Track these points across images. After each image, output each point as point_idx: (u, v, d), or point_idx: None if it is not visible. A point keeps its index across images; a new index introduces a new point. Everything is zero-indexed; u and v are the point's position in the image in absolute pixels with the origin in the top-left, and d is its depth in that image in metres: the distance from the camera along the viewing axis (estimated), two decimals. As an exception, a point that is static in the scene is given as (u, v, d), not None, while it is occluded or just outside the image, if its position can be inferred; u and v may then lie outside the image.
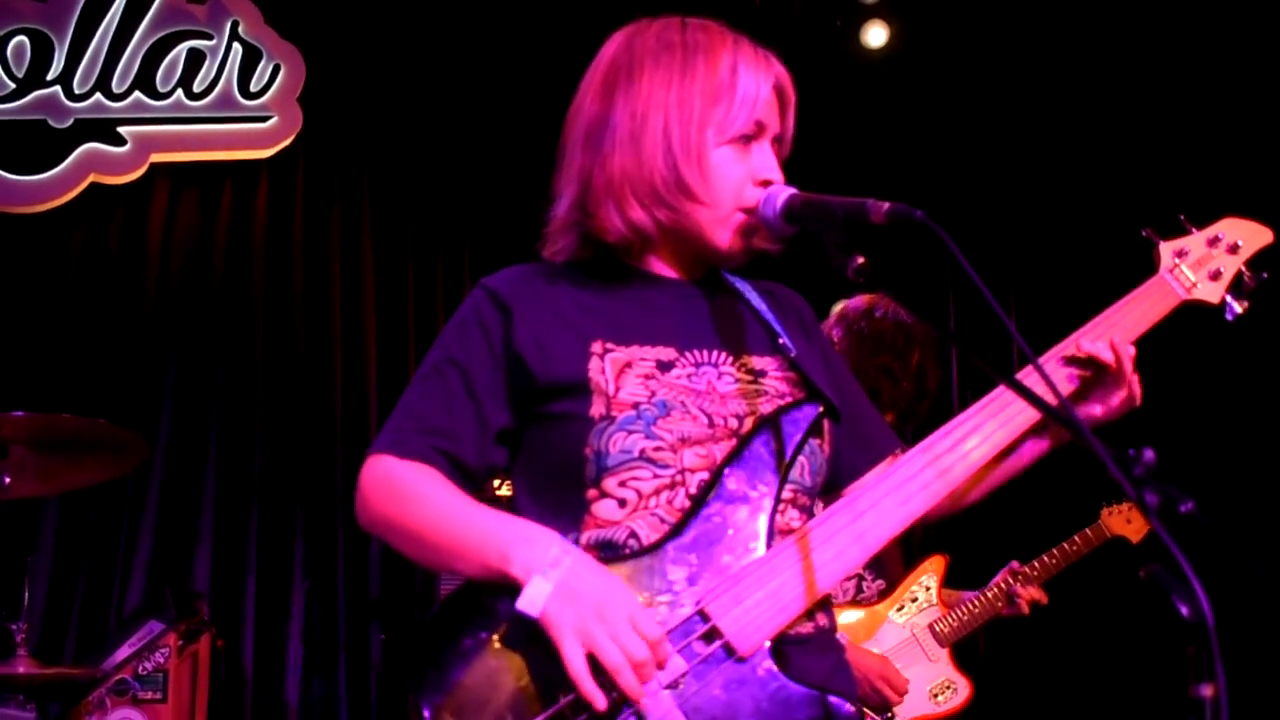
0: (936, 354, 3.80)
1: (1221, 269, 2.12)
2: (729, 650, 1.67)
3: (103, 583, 5.16)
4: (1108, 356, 1.92)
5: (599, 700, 1.57)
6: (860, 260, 1.64)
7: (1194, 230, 2.16)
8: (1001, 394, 1.91)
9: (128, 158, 5.39)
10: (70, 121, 5.35)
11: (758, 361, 1.89)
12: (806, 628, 1.78)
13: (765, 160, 1.87)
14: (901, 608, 3.68)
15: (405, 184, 5.81)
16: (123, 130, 5.39)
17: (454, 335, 1.89)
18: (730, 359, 1.87)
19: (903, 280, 2.93)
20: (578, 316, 1.85)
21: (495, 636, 1.66)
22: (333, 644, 5.35)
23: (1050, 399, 1.45)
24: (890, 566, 3.75)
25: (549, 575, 1.61)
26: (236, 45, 5.58)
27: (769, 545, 1.73)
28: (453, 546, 1.73)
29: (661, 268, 1.94)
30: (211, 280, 5.50)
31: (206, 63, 5.54)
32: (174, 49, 5.51)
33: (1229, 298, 2.13)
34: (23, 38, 5.35)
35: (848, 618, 3.62)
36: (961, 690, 3.63)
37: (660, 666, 1.61)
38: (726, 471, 1.76)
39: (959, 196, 5.64)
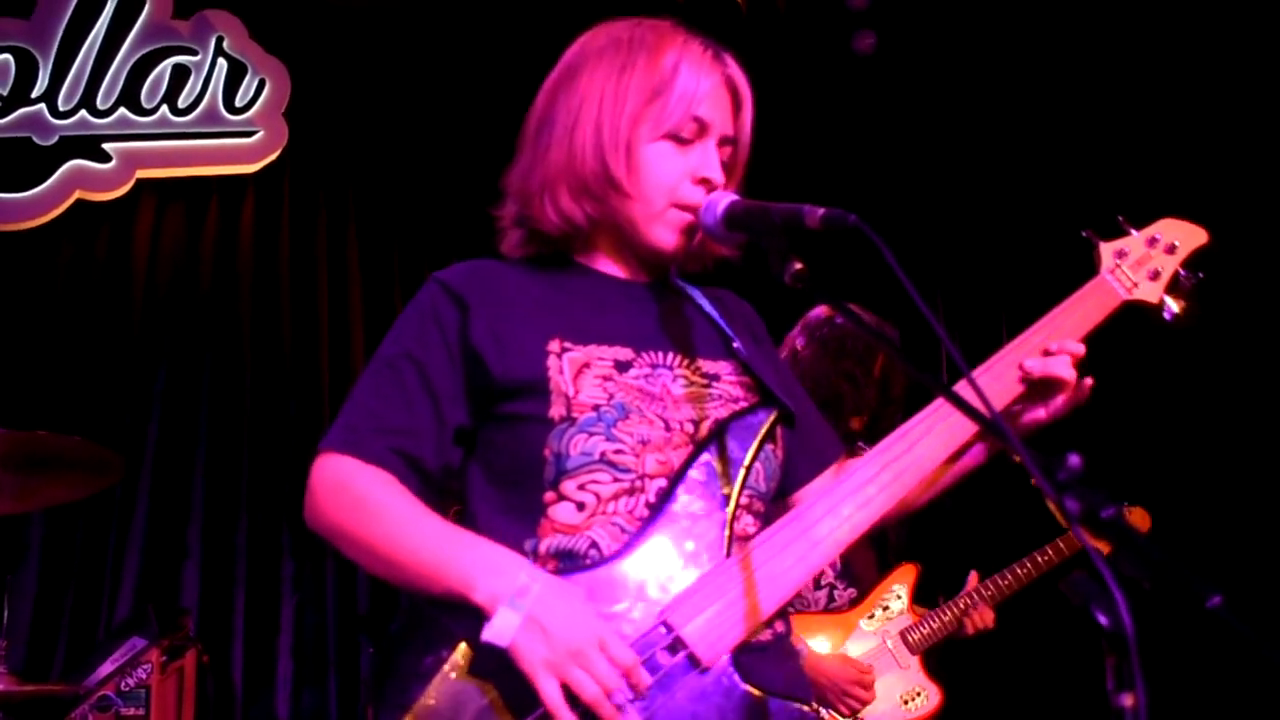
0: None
1: (1160, 269, 2.13)
2: (693, 661, 1.68)
3: (90, 599, 5.16)
4: (1063, 374, 1.92)
5: None
6: (798, 266, 1.63)
7: (1133, 231, 2.18)
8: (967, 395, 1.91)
9: (113, 174, 5.41)
10: (55, 139, 5.38)
11: (710, 365, 1.90)
12: (765, 635, 1.80)
13: (705, 159, 1.88)
14: (873, 615, 3.69)
15: (392, 198, 5.82)
16: (108, 147, 5.42)
17: (409, 329, 1.88)
18: (683, 361, 1.88)
19: (847, 287, 2.92)
20: (534, 313, 1.85)
21: (456, 655, 1.65)
22: (322, 659, 5.34)
23: (981, 406, 1.44)
24: (863, 575, 3.76)
25: (516, 605, 1.60)
26: (221, 60, 5.60)
27: (728, 553, 1.74)
28: (412, 565, 1.71)
29: (610, 267, 1.96)
30: (198, 296, 5.52)
31: (191, 78, 5.56)
32: (158, 65, 5.53)
33: (1167, 297, 2.14)
34: (6, 56, 5.39)
35: (819, 626, 3.62)
36: (932, 697, 3.63)
37: (635, 690, 1.61)
38: (684, 478, 1.77)
39: (900, 197, 5.70)
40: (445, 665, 1.64)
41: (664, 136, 1.85)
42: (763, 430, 1.82)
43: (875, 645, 3.64)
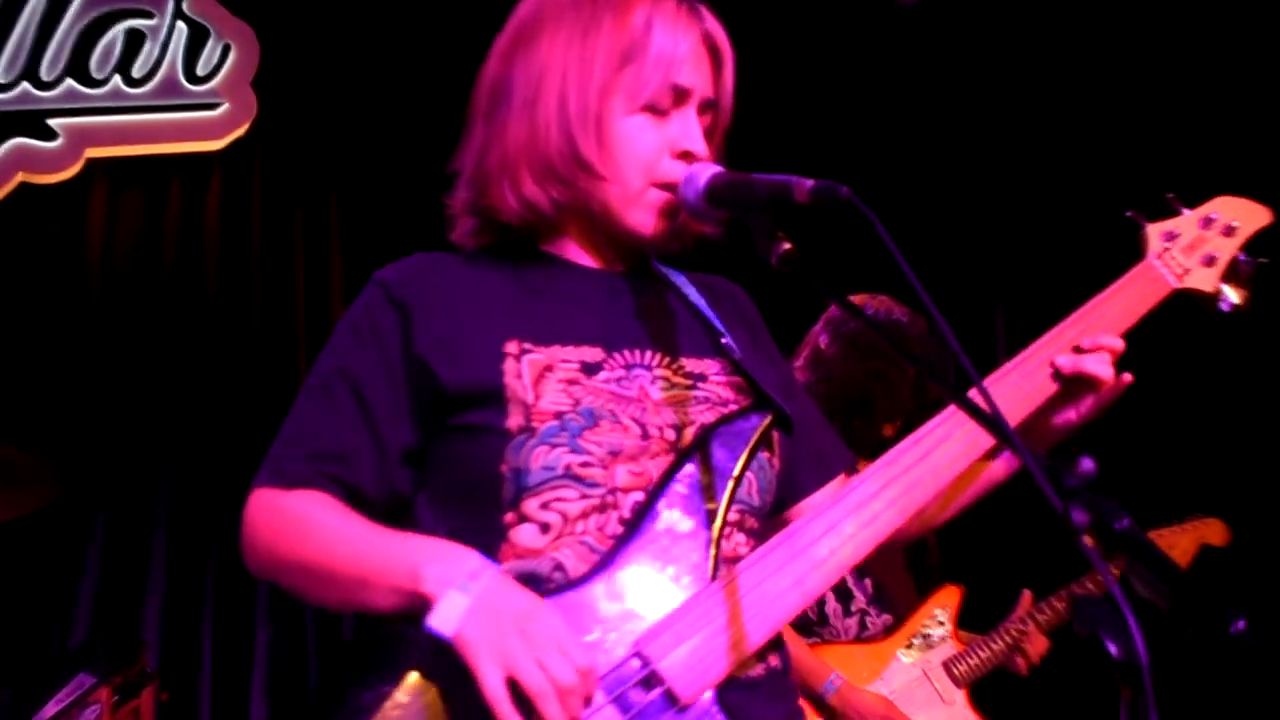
0: (943, 359, 3.79)
1: (1216, 253, 2.13)
2: (670, 698, 1.67)
3: (39, 630, 5.18)
4: (1098, 371, 1.91)
5: None
6: (785, 247, 1.62)
7: (1185, 210, 2.16)
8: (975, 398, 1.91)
9: (60, 154, 5.43)
10: (-7, 116, 5.40)
11: (695, 364, 1.90)
12: (756, 670, 1.79)
13: (686, 129, 1.87)
14: (911, 645, 3.68)
15: (375, 178, 5.80)
16: (53, 123, 5.44)
17: (344, 341, 1.88)
18: (664, 361, 1.88)
19: (846, 271, 2.90)
20: (488, 312, 1.84)
21: (399, 691, 1.64)
22: (300, 697, 5.35)
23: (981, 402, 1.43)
24: (899, 599, 3.75)
25: (467, 589, 1.58)
26: (181, 24, 5.61)
27: (714, 576, 1.73)
28: (355, 573, 1.70)
29: (580, 255, 1.95)
30: (159, 290, 5.51)
31: (147, 45, 5.58)
32: (110, 30, 5.54)
33: (1224, 286, 2.12)
34: (-62, 27, 5.41)
35: (850, 658, 3.61)
36: (980, 736, 3.62)
37: (587, 701, 1.60)
38: (664, 492, 1.77)
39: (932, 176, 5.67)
40: (386, 703, 1.62)
41: (640, 109, 1.85)
42: (754, 437, 1.81)
43: (915, 678, 3.64)
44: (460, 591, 1.58)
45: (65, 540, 5.24)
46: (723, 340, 1.94)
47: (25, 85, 5.45)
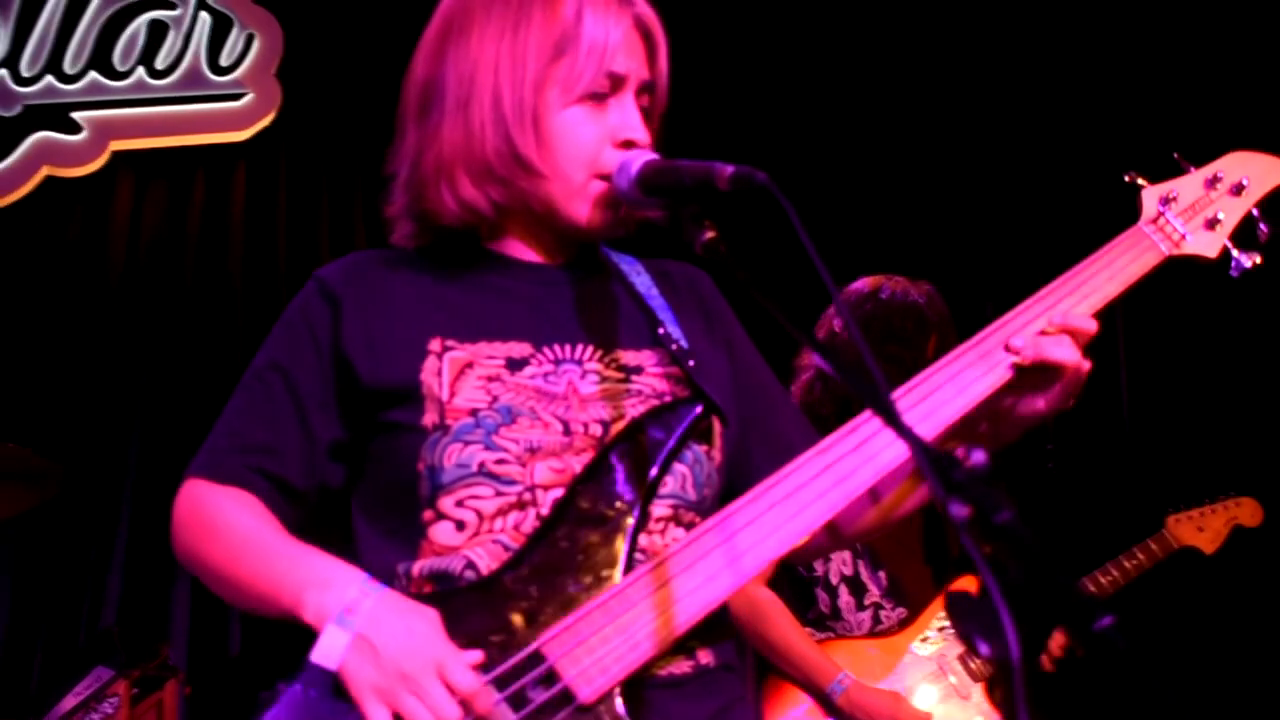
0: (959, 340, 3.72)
1: (1221, 215, 2.02)
2: (568, 696, 1.63)
3: (67, 624, 5.25)
4: (1057, 357, 1.85)
5: None
6: (708, 235, 1.63)
7: (1191, 169, 2.06)
8: (924, 381, 1.85)
9: (85, 146, 5.50)
10: (19, 109, 5.48)
11: (631, 356, 1.87)
12: (682, 667, 1.75)
13: (625, 117, 1.84)
14: (927, 638, 3.62)
15: None
16: (78, 116, 5.50)
17: (279, 335, 1.90)
18: (597, 354, 1.85)
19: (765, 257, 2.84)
20: (416, 310, 1.84)
21: (300, 687, 1.65)
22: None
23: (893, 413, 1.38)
24: (915, 592, 3.69)
25: (345, 623, 1.61)
26: (204, 14, 5.66)
27: (627, 571, 1.70)
28: (250, 586, 1.74)
29: (520, 250, 1.93)
30: (183, 283, 5.57)
31: (170, 35, 5.63)
32: (133, 21, 5.61)
33: (1234, 249, 2.03)
34: (-37, 18, 5.48)
35: (864, 652, 3.56)
36: (998, 733, 3.55)
37: (481, 719, 1.59)
38: (580, 488, 1.74)
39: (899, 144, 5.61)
40: (290, 699, 1.64)
41: (577, 100, 1.81)
42: (683, 430, 1.77)
43: (930, 672, 3.58)
44: (339, 626, 1.60)
45: (93, 532, 5.31)
46: (660, 331, 1.90)
47: (49, 79, 5.51)
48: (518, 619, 1.67)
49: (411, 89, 1.91)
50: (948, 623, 3.63)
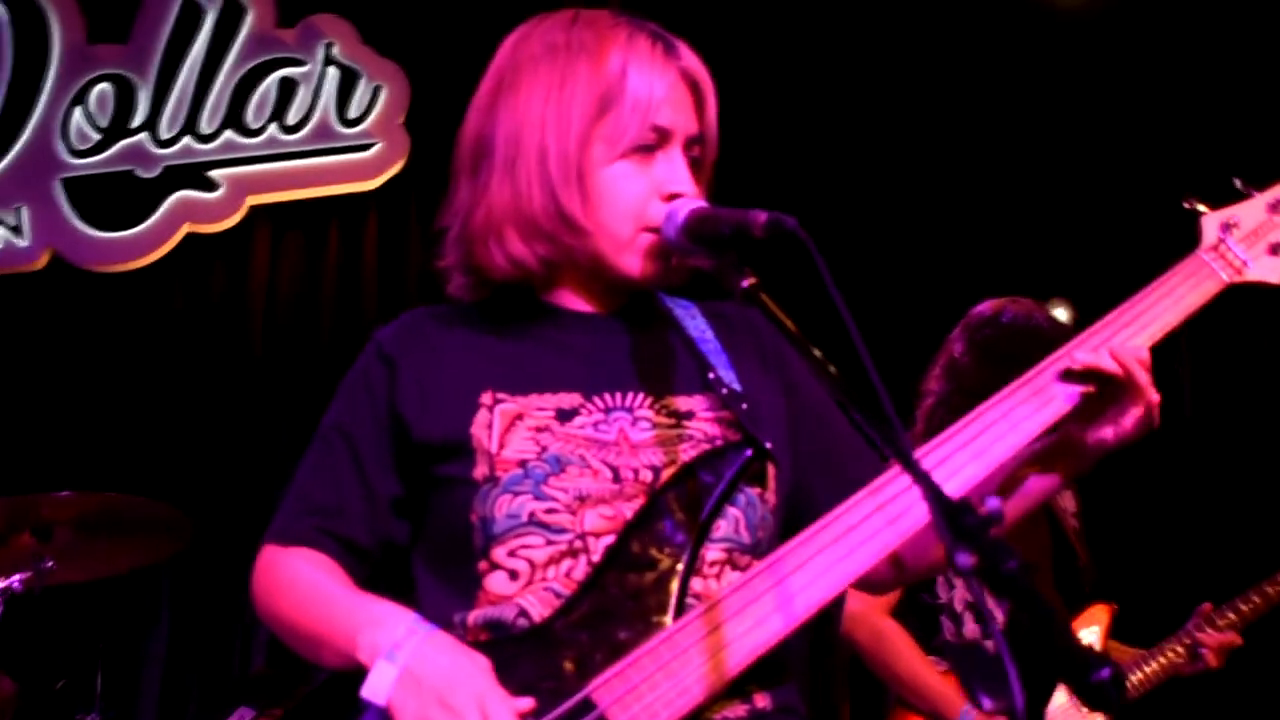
0: None
1: None
2: None
3: (220, 669, 5.41)
4: (1110, 367, 1.82)
5: None
6: (748, 282, 1.65)
7: (1254, 194, 2.01)
8: (977, 419, 1.83)
9: (222, 203, 5.69)
10: (159, 170, 5.69)
11: (684, 402, 1.87)
12: (737, 711, 1.75)
13: (673, 171, 1.85)
14: None
15: None
16: (215, 174, 5.70)
17: (342, 397, 1.95)
18: (650, 401, 1.86)
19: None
20: (468, 364, 1.87)
21: None
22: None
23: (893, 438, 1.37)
24: (1044, 619, 3.60)
25: (395, 658, 1.64)
26: (331, 69, 5.82)
27: (678, 616, 1.70)
28: (315, 634, 1.78)
29: (573, 301, 1.95)
30: (320, 329, 5.73)
31: (300, 91, 5.80)
32: (264, 80, 5.79)
33: None
34: (105, 85, 5.73)
35: (988, 681, 3.50)
36: (1131, 766, 3.46)
37: None
38: (630, 534, 1.75)
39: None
40: None
41: (622, 155, 1.83)
42: (733, 473, 1.78)
43: (1062, 702, 3.49)
44: (387, 661, 1.64)
45: (242, 581, 5.45)
46: (710, 375, 1.90)
47: (187, 139, 5.72)
48: (569, 665, 1.68)
49: (464, 144, 1.95)
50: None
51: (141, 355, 5.58)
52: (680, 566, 1.73)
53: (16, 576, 3.54)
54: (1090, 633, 3.57)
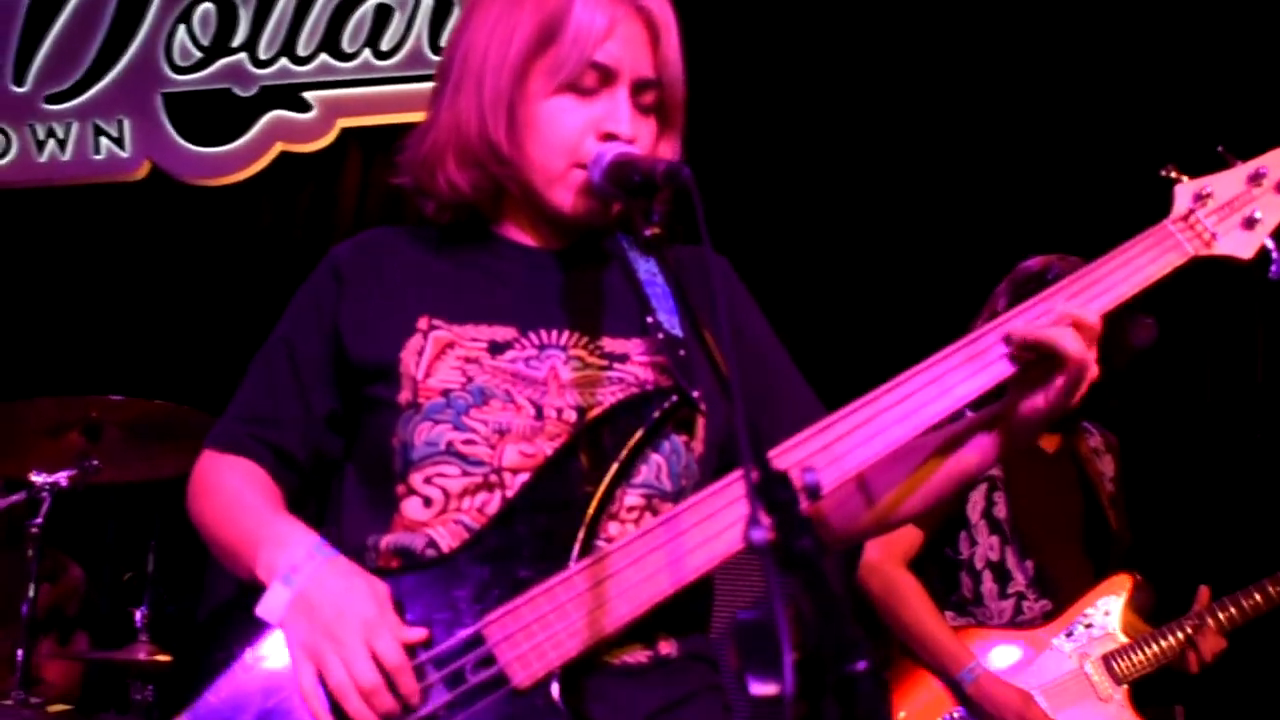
0: (1129, 326, 3.51)
1: (1259, 213, 1.86)
2: (503, 679, 1.63)
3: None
4: (1049, 338, 1.73)
5: None
6: (652, 230, 1.62)
7: (1236, 164, 1.90)
8: (905, 381, 1.76)
9: (315, 124, 5.75)
10: (256, 89, 5.76)
11: (619, 344, 1.84)
12: (637, 657, 1.73)
13: (611, 110, 1.80)
14: (1071, 633, 3.45)
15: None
16: (309, 95, 5.75)
17: (291, 310, 1.95)
18: (583, 340, 1.83)
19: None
20: (412, 289, 1.86)
21: (255, 649, 1.69)
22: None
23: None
24: (1064, 582, 3.51)
25: (291, 581, 1.65)
26: (427, -1, 5.80)
27: (579, 558, 1.68)
28: (228, 544, 1.80)
29: (520, 235, 1.93)
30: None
31: (395, 18, 5.80)
32: (361, 6, 5.81)
33: (1275, 249, 1.87)
34: (208, 5, 5.81)
35: (1001, 643, 3.42)
36: (1138, 739, 3.36)
37: (407, 696, 1.60)
38: (544, 472, 1.72)
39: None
40: (241, 659, 1.68)
41: (559, 89, 1.79)
42: (655, 419, 1.73)
43: (1070, 670, 3.41)
44: (283, 584, 1.65)
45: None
46: (649, 319, 1.86)
47: (284, 61, 5.78)
48: (466, 600, 1.67)
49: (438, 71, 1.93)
50: (1095, 620, 3.46)
51: (225, 269, 5.66)
52: (591, 509, 1.70)
53: (63, 473, 3.63)
54: (1111, 601, 3.47)
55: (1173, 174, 1.91)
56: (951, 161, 5.24)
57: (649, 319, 1.85)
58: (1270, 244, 1.88)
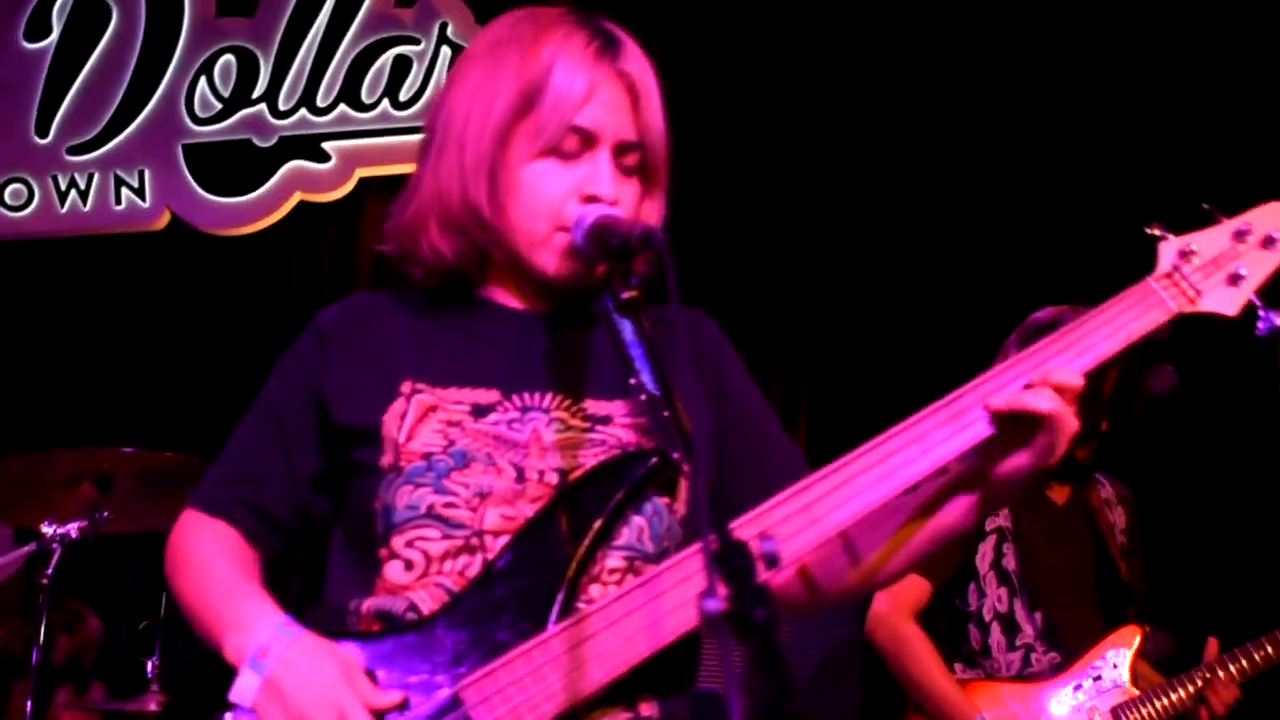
0: (1148, 374, 3.49)
1: (1245, 270, 1.85)
2: None
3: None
4: (1031, 406, 1.71)
5: None
6: (628, 294, 1.63)
7: (1222, 220, 1.89)
8: (886, 440, 1.75)
9: (333, 174, 5.77)
10: (275, 139, 5.80)
11: (601, 406, 1.83)
12: (619, 718, 1.71)
13: (593, 173, 1.81)
14: (1080, 686, 3.41)
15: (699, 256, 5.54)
16: (327, 146, 5.78)
17: (277, 373, 1.96)
18: (565, 403, 1.82)
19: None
20: (394, 353, 1.86)
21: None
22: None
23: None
24: (1073, 635, 3.47)
25: (259, 666, 1.66)
26: (445, 48, 5.82)
27: (557, 621, 1.67)
28: (196, 616, 1.82)
29: (506, 297, 1.93)
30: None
31: (413, 69, 5.82)
32: (380, 57, 5.84)
33: (1262, 306, 1.86)
34: (229, 57, 5.85)
35: (1009, 696, 3.39)
36: (1147, 795, 3.32)
37: None
38: (523, 534, 1.72)
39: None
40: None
41: (541, 153, 1.79)
42: (634, 481, 1.73)
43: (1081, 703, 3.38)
44: (252, 669, 1.65)
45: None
46: (631, 381, 1.85)
47: (303, 111, 5.81)
48: (444, 663, 1.67)
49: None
50: (1104, 672, 3.42)
51: (242, 319, 5.68)
52: (570, 571, 1.69)
53: (74, 524, 3.65)
54: (1120, 653, 3.43)
55: (1157, 231, 1.90)
56: (945, 216, 5.25)
57: (632, 380, 1.85)
58: (1256, 300, 1.87)
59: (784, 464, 1.95)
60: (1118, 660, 3.43)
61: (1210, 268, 1.86)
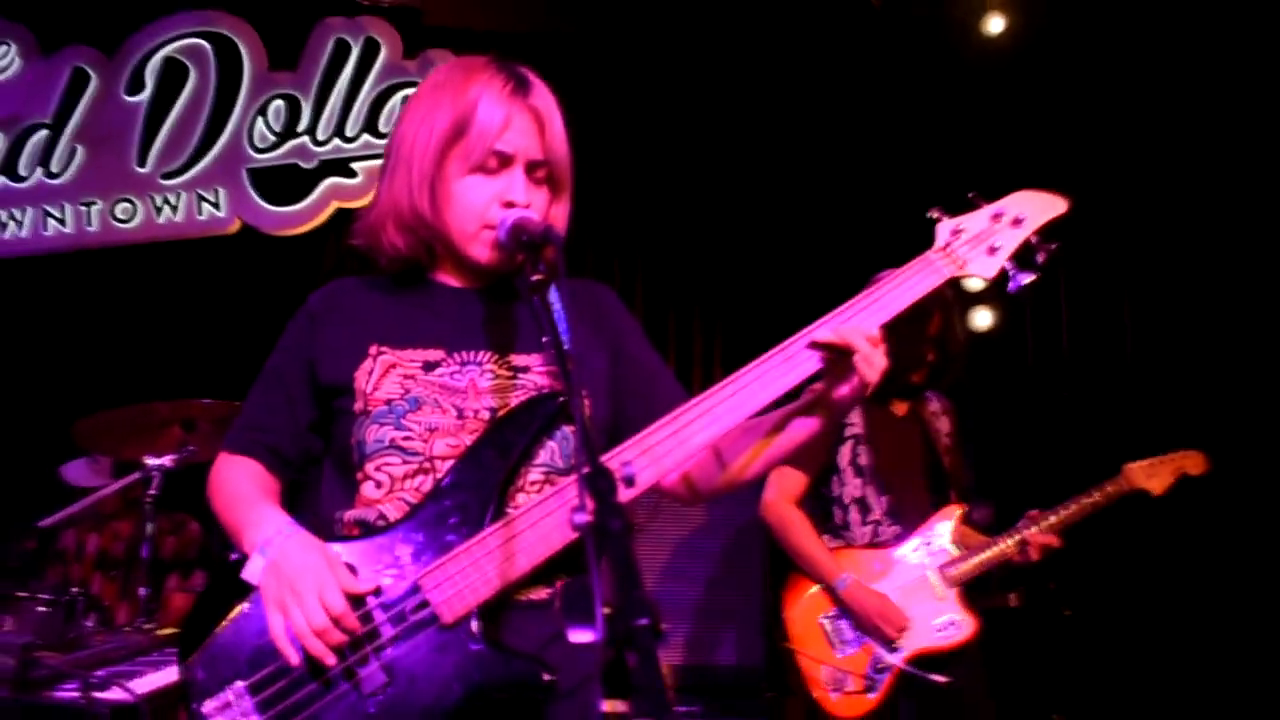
0: (962, 317, 3.49)
1: (1000, 244, 1.83)
2: (435, 617, 1.61)
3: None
4: (844, 341, 1.69)
5: (292, 657, 1.59)
6: (535, 278, 1.59)
7: (983, 205, 1.87)
8: (739, 378, 1.72)
9: (362, 186, 5.65)
10: (315, 163, 5.68)
11: (522, 359, 1.80)
12: (541, 594, 1.70)
13: (510, 185, 1.76)
14: (916, 549, 3.41)
15: (634, 222, 5.51)
16: (356, 165, 5.67)
17: (279, 346, 1.91)
18: (494, 358, 1.79)
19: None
20: (365, 323, 1.82)
21: (244, 605, 1.67)
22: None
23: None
24: (911, 514, 3.48)
25: (265, 552, 1.63)
26: (447, 90, 5.70)
27: (489, 523, 1.65)
28: (230, 526, 1.78)
29: (449, 278, 1.88)
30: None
31: (421, 106, 5.70)
32: (393, 97, 5.72)
33: (1013, 270, 1.84)
34: (279, 101, 5.73)
35: (863, 559, 3.39)
36: (965, 626, 3.33)
37: (350, 631, 1.59)
38: (463, 458, 1.70)
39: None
40: (234, 612, 1.67)
41: (471, 170, 1.75)
42: (546, 415, 1.70)
43: (917, 577, 3.38)
44: (260, 554, 1.64)
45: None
46: (544, 339, 1.81)
47: (337, 140, 5.68)
48: (407, 558, 1.65)
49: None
50: (933, 540, 3.42)
51: (294, 300, 5.54)
52: (497, 485, 1.67)
53: (169, 456, 3.60)
54: (945, 524, 3.44)
55: (935, 214, 1.87)
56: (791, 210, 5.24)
57: (544, 339, 1.81)
58: (1009, 266, 1.85)
59: (667, 396, 1.92)
60: (943, 530, 3.43)
61: (975, 241, 1.83)
